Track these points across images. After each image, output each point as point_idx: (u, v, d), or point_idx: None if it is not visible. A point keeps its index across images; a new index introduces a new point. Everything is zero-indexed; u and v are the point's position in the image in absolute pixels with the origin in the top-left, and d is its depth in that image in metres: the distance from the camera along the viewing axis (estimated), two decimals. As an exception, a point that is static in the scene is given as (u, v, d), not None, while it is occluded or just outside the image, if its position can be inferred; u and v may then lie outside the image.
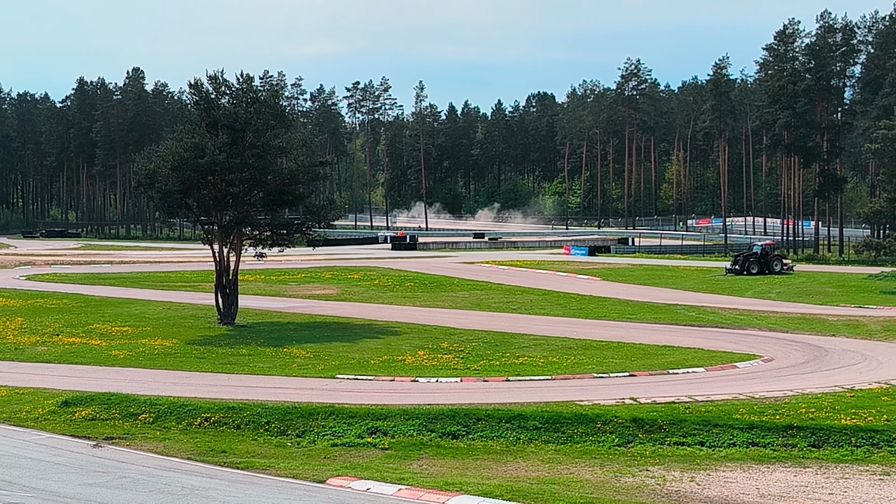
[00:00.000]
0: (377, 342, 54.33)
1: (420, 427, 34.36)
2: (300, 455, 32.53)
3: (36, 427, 36.06)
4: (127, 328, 60.00)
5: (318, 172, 67.25)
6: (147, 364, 47.84)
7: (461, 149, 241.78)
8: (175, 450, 32.88)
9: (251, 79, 66.19)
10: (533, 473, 30.39)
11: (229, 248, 63.49)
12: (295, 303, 73.31)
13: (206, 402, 37.56)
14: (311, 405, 36.49)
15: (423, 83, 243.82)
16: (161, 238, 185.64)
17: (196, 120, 64.32)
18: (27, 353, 51.75)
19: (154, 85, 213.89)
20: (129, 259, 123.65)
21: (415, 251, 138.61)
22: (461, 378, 43.03)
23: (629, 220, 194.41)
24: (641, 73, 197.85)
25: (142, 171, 64.92)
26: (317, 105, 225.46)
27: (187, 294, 78.62)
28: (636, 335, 55.95)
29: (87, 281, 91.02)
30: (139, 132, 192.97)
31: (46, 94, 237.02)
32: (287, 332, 58.84)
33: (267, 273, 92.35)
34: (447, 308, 70.45)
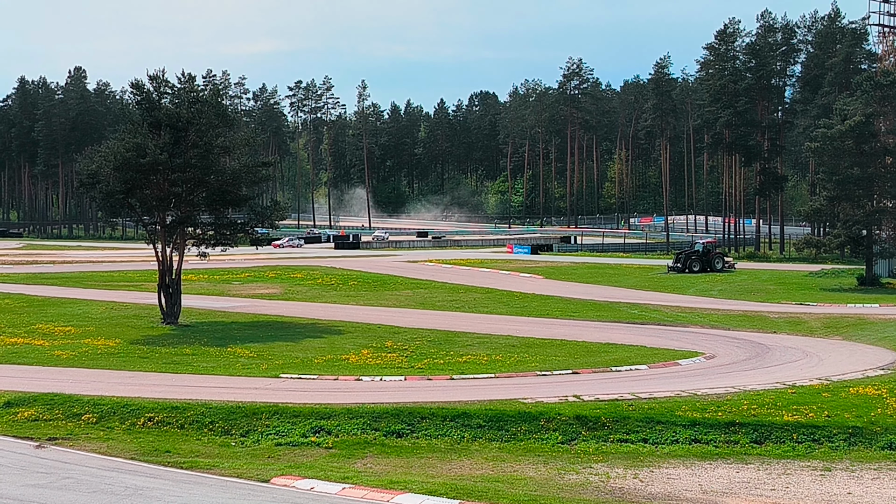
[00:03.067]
0: (321, 341, 54.33)
1: (364, 426, 34.49)
2: (244, 454, 32.54)
3: (-23, 428, 35.80)
4: (70, 328, 59.57)
5: (260, 173, 67.06)
6: (90, 364, 47.53)
7: (404, 148, 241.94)
8: (119, 450, 32.78)
9: (193, 78, 65.94)
10: (477, 471, 30.60)
11: (172, 248, 63.24)
12: (238, 302, 73.13)
13: (149, 401, 37.44)
14: (255, 404, 36.50)
15: (365, 82, 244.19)
16: (104, 238, 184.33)
17: (138, 120, 64.01)
18: (-32, 355, 51.25)
19: (96, 84, 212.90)
20: (72, 259, 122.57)
21: (358, 250, 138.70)
22: (405, 377, 43.16)
23: (572, 219, 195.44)
24: (583, 73, 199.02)
25: (84, 171, 64.50)
26: (259, 104, 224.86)
27: (130, 294, 78.16)
28: (579, 333, 56.37)
29: (29, 281, 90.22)
30: (81, 132, 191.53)
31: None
32: (231, 331, 58.69)
33: (210, 272, 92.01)
34: (391, 307, 70.57)
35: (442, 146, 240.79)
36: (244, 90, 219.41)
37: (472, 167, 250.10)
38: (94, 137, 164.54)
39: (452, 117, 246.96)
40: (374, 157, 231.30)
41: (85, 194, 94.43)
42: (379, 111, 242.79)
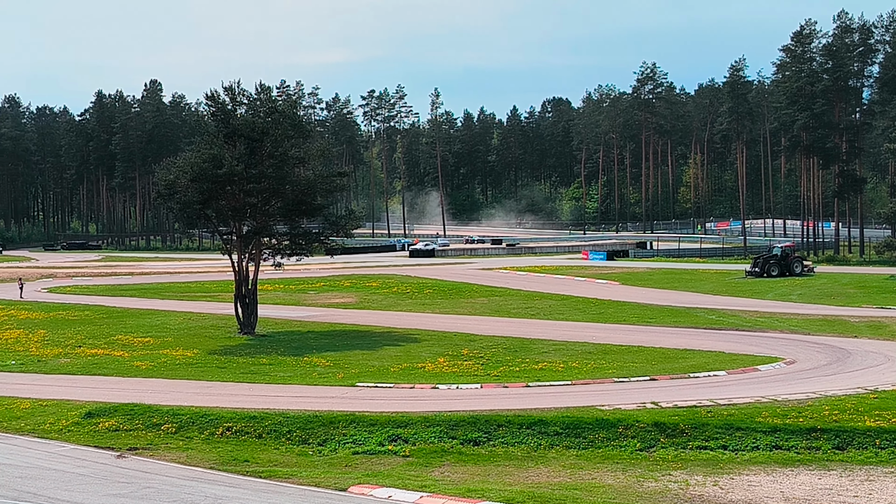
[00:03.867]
0: (397, 350, 54.39)
1: (441, 434, 34.40)
2: (322, 463, 32.61)
3: (60, 438, 36.23)
4: (148, 339, 60.23)
5: (336, 183, 67.33)
6: (169, 374, 48.02)
7: (477, 155, 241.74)
8: (198, 459, 33.00)
9: (268, 89, 66.46)
10: (555, 479, 30.40)
11: (248, 258, 63.65)
12: (314, 311, 73.44)
13: (227, 411, 37.69)
14: (331, 413, 36.57)
15: (438, 90, 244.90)
16: (181, 249, 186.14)
17: (214, 131, 64.55)
18: (50, 365, 52.00)
19: (171, 96, 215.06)
20: (150, 270, 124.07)
21: (433, 258, 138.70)
22: (481, 384, 43.07)
23: (647, 224, 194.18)
24: (657, 77, 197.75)
25: (161, 183, 65.14)
26: (333, 114, 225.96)
27: (207, 304, 78.84)
28: (656, 339, 55.88)
29: (109, 292, 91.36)
30: (158, 144, 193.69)
31: (65, 108, 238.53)
32: (307, 340, 58.95)
33: (286, 282, 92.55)
34: (466, 314, 70.49)
35: (515, 153, 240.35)
36: (318, 100, 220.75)
37: (545, 174, 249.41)
38: (170, 149, 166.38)
39: (525, 124, 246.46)
40: (448, 165, 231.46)
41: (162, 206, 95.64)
42: (452, 119, 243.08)
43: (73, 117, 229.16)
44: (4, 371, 50.99)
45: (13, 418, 39.23)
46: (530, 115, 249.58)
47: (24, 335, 63.01)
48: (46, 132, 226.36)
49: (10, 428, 37.91)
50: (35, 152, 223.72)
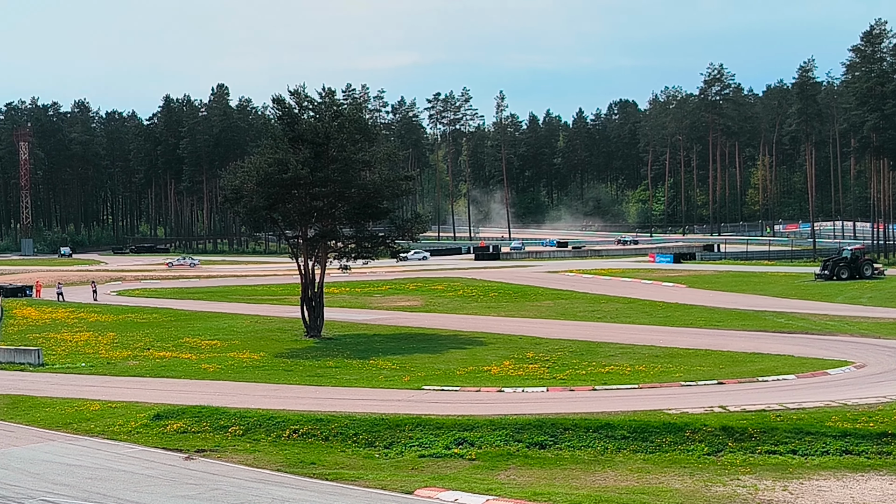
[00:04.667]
0: (462, 353, 54.38)
1: (507, 437, 34.28)
2: (388, 466, 32.63)
3: (129, 440, 36.58)
4: (216, 341, 60.73)
5: (402, 187, 67.48)
6: (236, 377, 48.35)
7: (543, 158, 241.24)
8: (265, 461, 33.16)
9: (333, 92, 66.78)
10: (622, 483, 30.22)
11: (314, 262, 63.94)
12: (380, 314, 73.64)
13: (294, 414, 37.84)
14: (397, 416, 36.60)
15: (503, 93, 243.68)
16: (247, 252, 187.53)
17: (279, 135, 64.97)
18: (119, 368, 52.59)
19: (238, 101, 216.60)
20: (217, 273, 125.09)
21: (498, 261, 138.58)
22: (547, 387, 42.91)
23: (714, 227, 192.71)
24: (725, 78, 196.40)
25: (228, 187, 65.65)
26: (398, 117, 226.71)
27: (274, 307, 79.33)
28: (724, 342, 55.37)
29: (177, 295, 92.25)
30: (224, 148, 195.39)
31: (134, 113, 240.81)
32: (373, 343, 59.11)
33: (352, 285, 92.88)
34: (532, 317, 70.32)
35: (581, 155, 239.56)
36: (383, 103, 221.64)
37: (611, 176, 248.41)
38: (236, 153, 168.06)
39: (591, 126, 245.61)
40: (513, 168, 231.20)
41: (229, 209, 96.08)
42: (517, 121, 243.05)
43: (142, 122, 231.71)
44: (75, 373, 51.68)
45: (83, 420, 39.69)
46: (596, 117, 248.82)
47: (93, 337, 63.82)
48: (115, 136, 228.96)
49: (81, 429, 38.35)
50: (104, 156, 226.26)
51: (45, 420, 40.39)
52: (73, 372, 52.16)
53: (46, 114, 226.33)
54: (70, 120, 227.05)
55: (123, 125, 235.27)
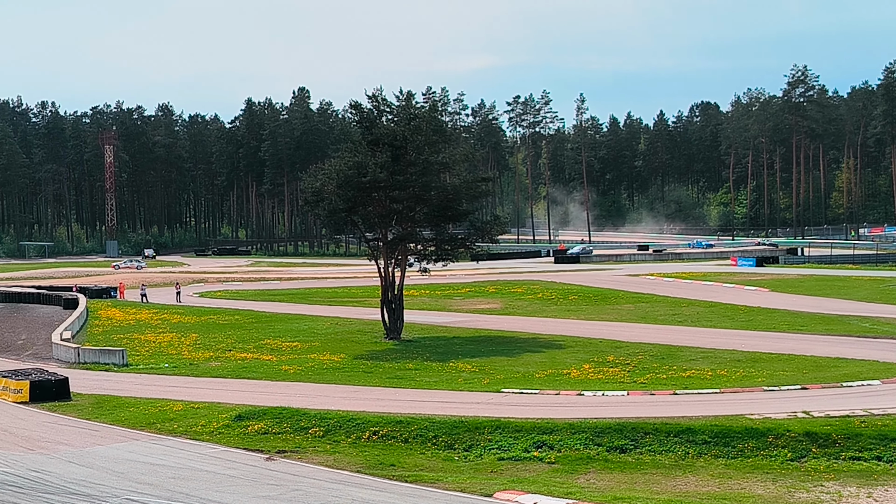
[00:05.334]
0: (542, 356, 54.25)
1: (587, 441, 34.15)
2: (467, 469, 32.65)
3: (211, 440, 36.96)
4: (296, 343, 61.16)
5: (480, 189, 67.46)
6: (316, 378, 48.66)
7: (623, 160, 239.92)
8: (345, 463, 33.31)
9: (411, 95, 66.86)
10: (703, 488, 29.96)
11: (394, 264, 64.12)
12: (459, 317, 73.66)
13: (374, 415, 37.99)
14: (477, 419, 36.60)
15: (583, 96, 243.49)
16: (328, 254, 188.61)
17: (358, 138, 65.25)
18: (201, 369, 53.21)
19: (319, 104, 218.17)
20: (298, 275, 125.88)
21: (578, 264, 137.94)
22: (627, 391, 42.69)
23: (797, 230, 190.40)
24: (808, 80, 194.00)
25: (308, 190, 66.08)
26: (478, 120, 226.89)
27: (354, 309, 79.68)
28: (807, 347, 54.64)
29: (258, 297, 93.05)
30: (306, 150, 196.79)
31: (216, 116, 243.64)
32: (452, 346, 59.16)
33: (431, 288, 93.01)
34: (612, 321, 69.93)
35: (662, 158, 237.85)
36: (463, 106, 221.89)
37: (692, 179, 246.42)
38: (317, 156, 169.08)
39: (672, 128, 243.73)
40: (593, 171, 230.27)
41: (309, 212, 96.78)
42: (598, 124, 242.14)
43: (224, 124, 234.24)
44: (158, 373, 52.36)
45: (166, 420, 40.19)
46: (678, 119, 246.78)
47: (176, 339, 64.59)
48: (198, 139, 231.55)
49: (164, 429, 38.83)
50: (187, 159, 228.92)
51: (129, 420, 40.95)
52: (156, 372, 52.88)
53: (131, 117, 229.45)
54: (154, 123, 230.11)
55: (206, 128, 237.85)
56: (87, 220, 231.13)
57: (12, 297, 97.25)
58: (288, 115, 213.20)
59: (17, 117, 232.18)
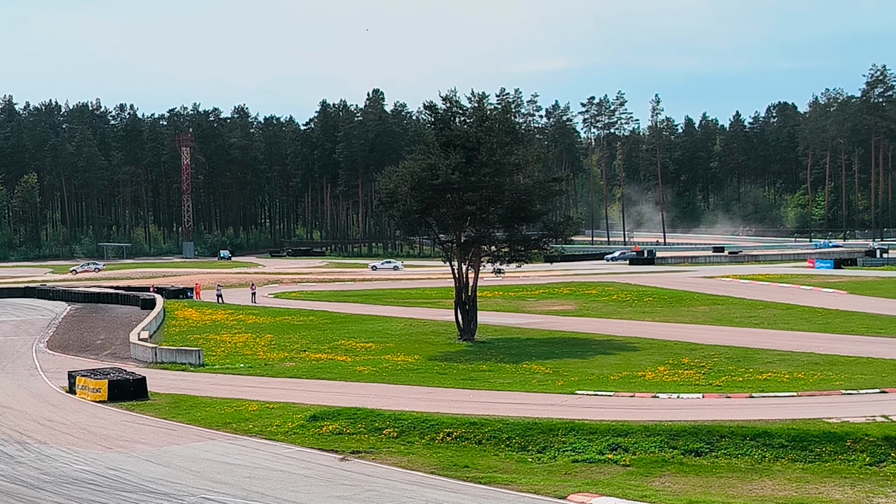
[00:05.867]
0: (616, 358, 53.98)
1: (662, 444, 33.91)
2: (541, 471, 32.56)
3: (286, 440, 37.21)
4: (371, 344, 61.37)
5: (553, 189, 67.25)
6: (390, 379, 48.80)
7: (699, 162, 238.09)
8: (419, 464, 33.36)
9: (484, 97, 66.80)
10: (780, 493, 29.63)
11: (468, 265, 64.12)
12: (533, 318, 73.50)
13: (448, 417, 38.01)
14: (551, 421, 36.49)
15: (658, 97, 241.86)
16: (402, 255, 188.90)
17: (431, 140, 65.31)
18: (276, 369, 53.59)
19: (393, 105, 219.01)
20: (372, 276, 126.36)
21: (652, 265, 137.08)
22: (703, 394, 42.31)
23: (877, 232, 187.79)
24: (888, 80, 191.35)
25: (382, 191, 66.31)
26: (552, 121, 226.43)
27: (428, 310, 79.79)
28: (887, 350, 53.76)
29: (332, 298, 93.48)
30: (380, 152, 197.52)
31: (291, 118, 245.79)
32: (526, 347, 59.04)
33: (505, 289, 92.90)
34: (687, 323, 69.39)
35: (738, 159, 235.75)
36: (536, 107, 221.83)
37: (769, 180, 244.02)
38: (391, 158, 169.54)
39: (749, 129, 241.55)
40: (668, 172, 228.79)
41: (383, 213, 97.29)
42: (673, 125, 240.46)
43: (299, 126, 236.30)
44: (233, 373, 52.82)
45: (242, 420, 40.52)
46: (754, 120, 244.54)
47: (252, 339, 65.11)
48: (273, 141, 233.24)
49: (239, 429, 39.15)
50: (262, 161, 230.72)
51: (205, 419, 41.34)
52: (231, 372, 53.36)
53: (207, 119, 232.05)
54: (230, 125, 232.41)
55: (281, 130, 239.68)
56: (163, 222, 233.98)
57: (91, 297, 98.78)
58: (362, 116, 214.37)
59: (96, 120, 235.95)
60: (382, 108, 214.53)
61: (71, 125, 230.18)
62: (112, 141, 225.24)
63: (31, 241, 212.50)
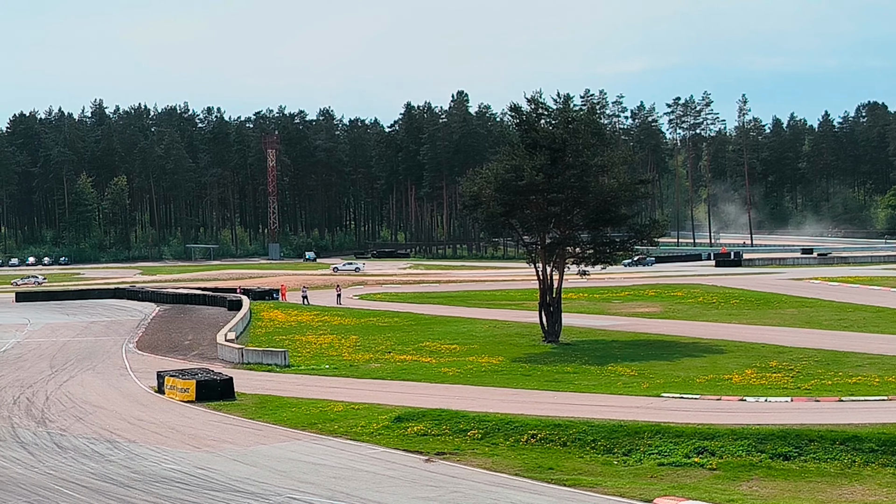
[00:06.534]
0: (702, 360, 53.48)
1: (749, 447, 33.54)
2: (626, 473, 32.37)
3: (371, 441, 37.41)
4: (455, 345, 61.43)
5: (639, 191, 66.86)
6: (475, 381, 48.82)
7: (786, 162, 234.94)
8: (503, 466, 33.34)
9: (569, 98, 66.58)
10: (870, 498, 29.19)
11: (552, 267, 63.93)
12: (618, 321, 73.10)
13: (532, 418, 37.94)
14: (636, 423, 36.27)
15: (745, 97, 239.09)
16: (486, 257, 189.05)
17: (516, 141, 65.18)
18: (361, 370, 53.88)
19: (477, 107, 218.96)
20: (456, 278, 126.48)
21: (739, 267, 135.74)
22: (791, 397, 41.80)
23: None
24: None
25: (467, 193, 66.34)
26: (637, 122, 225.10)
27: (512, 312, 79.66)
28: (981, 354, 52.81)
29: (417, 300, 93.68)
30: (464, 154, 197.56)
31: (376, 120, 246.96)
32: (611, 349, 58.74)
33: (589, 291, 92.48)
34: (774, 325, 68.54)
35: (827, 160, 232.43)
36: (621, 108, 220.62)
37: (858, 180, 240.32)
38: (475, 160, 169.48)
39: (838, 129, 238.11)
40: (755, 173, 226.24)
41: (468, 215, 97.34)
42: (760, 125, 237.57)
43: (384, 128, 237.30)
44: (319, 374, 53.18)
45: (327, 420, 40.79)
46: (844, 120, 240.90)
47: (337, 340, 65.50)
48: (358, 143, 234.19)
49: (325, 430, 39.42)
50: (347, 163, 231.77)
51: (291, 420, 41.68)
52: (317, 373, 53.73)
53: (293, 122, 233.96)
54: (315, 127, 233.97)
55: (366, 132, 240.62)
56: (250, 223, 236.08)
57: (179, 298, 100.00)
58: (447, 118, 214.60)
59: (184, 123, 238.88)
60: (467, 109, 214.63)
61: (160, 128, 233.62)
62: (199, 143, 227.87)
63: (121, 242, 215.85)
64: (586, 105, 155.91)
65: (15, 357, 64.76)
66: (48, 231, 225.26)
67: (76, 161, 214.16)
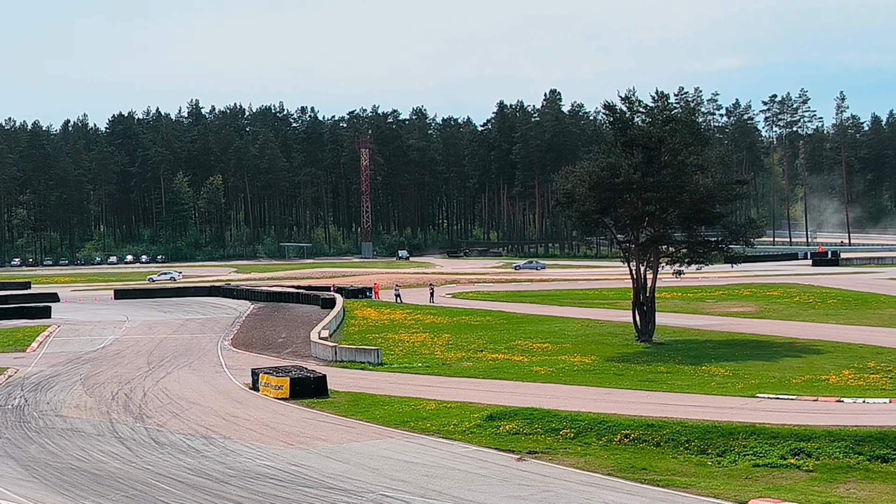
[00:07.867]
0: (798, 361, 52.76)
1: (846, 449, 33.02)
2: (721, 475, 32.06)
3: (463, 440, 37.45)
4: (547, 344, 61.29)
5: (735, 191, 66.09)
6: (567, 380, 48.65)
7: (885, 160, 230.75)
8: (595, 465, 33.20)
9: (666, 97, 66.07)
10: (972, 502, 28.61)
11: (646, 267, 63.52)
12: (712, 320, 72.41)
13: (625, 418, 37.73)
14: (730, 424, 35.89)
15: (843, 94, 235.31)
16: (578, 256, 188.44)
17: (611, 140, 64.81)
18: (453, 368, 53.96)
19: (570, 106, 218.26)
20: (548, 277, 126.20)
21: (837, 267, 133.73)
22: (890, 399, 41.04)
23: None
24: None
25: (560, 191, 66.11)
26: (732, 120, 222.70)
27: (605, 311, 79.32)
28: None
29: (509, 299, 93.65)
30: (556, 153, 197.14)
31: (469, 119, 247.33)
32: (705, 349, 58.18)
33: (683, 290, 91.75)
34: (873, 326, 67.41)
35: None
36: (717, 106, 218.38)
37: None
38: (568, 158, 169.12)
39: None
40: (853, 171, 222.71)
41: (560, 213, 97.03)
42: (858, 123, 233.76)
43: (476, 127, 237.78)
44: (411, 372, 53.35)
45: (419, 419, 40.91)
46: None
47: (429, 339, 65.66)
48: (451, 142, 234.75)
49: (417, 428, 39.55)
50: (440, 162, 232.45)
51: (383, 417, 41.88)
52: (409, 371, 53.91)
53: (386, 121, 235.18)
54: (408, 127, 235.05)
55: (458, 131, 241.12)
56: (343, 222, 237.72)
57: (273, 296, 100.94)
58: (539, 117, 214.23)
59: (278, 122, 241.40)
60: (559, 108, 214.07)
61: (254, 128, 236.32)
62: (293, 143, 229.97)
63: (216, 240, 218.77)
64: (680, 103, 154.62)
65: (113, 353, 65.88)
66: (145, 230, 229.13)
67: (173, 160, 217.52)
